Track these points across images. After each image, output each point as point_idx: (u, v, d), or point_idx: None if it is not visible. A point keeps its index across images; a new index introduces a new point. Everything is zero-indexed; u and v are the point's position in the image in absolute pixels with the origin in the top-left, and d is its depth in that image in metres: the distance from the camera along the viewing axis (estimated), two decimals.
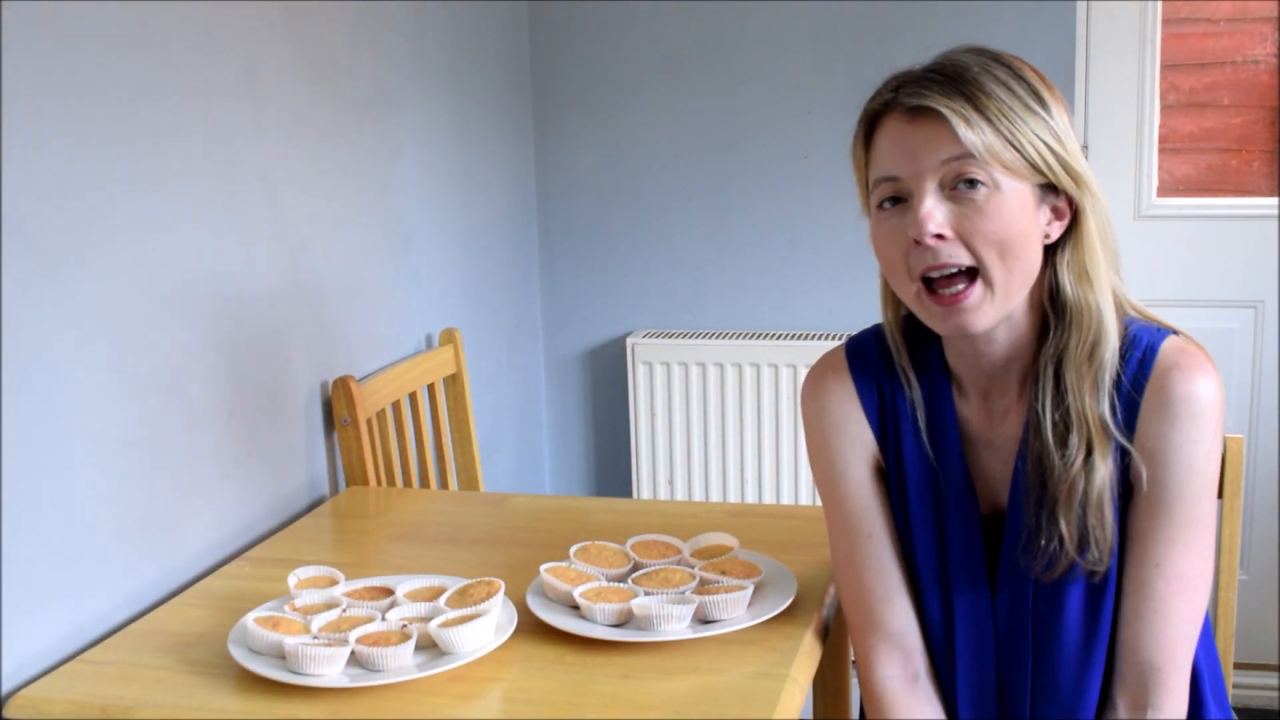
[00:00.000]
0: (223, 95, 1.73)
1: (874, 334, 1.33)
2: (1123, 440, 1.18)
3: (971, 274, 1.15)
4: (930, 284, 1.17)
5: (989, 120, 1.12)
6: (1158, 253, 2.65)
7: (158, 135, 1.59)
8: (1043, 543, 1.19)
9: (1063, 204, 1.18)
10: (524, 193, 2.84)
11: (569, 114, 2.84)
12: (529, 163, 2.86)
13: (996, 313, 1.16)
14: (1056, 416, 1.18)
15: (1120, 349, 1.19)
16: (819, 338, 2.72)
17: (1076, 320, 1.18)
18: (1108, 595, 1.21)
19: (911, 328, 1.29)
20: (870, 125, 1.20)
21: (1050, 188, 1.17)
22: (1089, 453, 1.17)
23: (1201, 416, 1.17)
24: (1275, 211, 2.58)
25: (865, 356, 1.31)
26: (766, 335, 2.75)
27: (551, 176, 2.88)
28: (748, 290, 2.82)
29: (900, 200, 1.17)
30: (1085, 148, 2.62)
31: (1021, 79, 1.15)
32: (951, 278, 1.15)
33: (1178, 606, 1.18)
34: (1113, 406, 1.19)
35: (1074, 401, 1.17)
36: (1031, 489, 1.20)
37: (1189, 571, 1.19)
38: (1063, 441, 1.18)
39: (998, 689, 1.27)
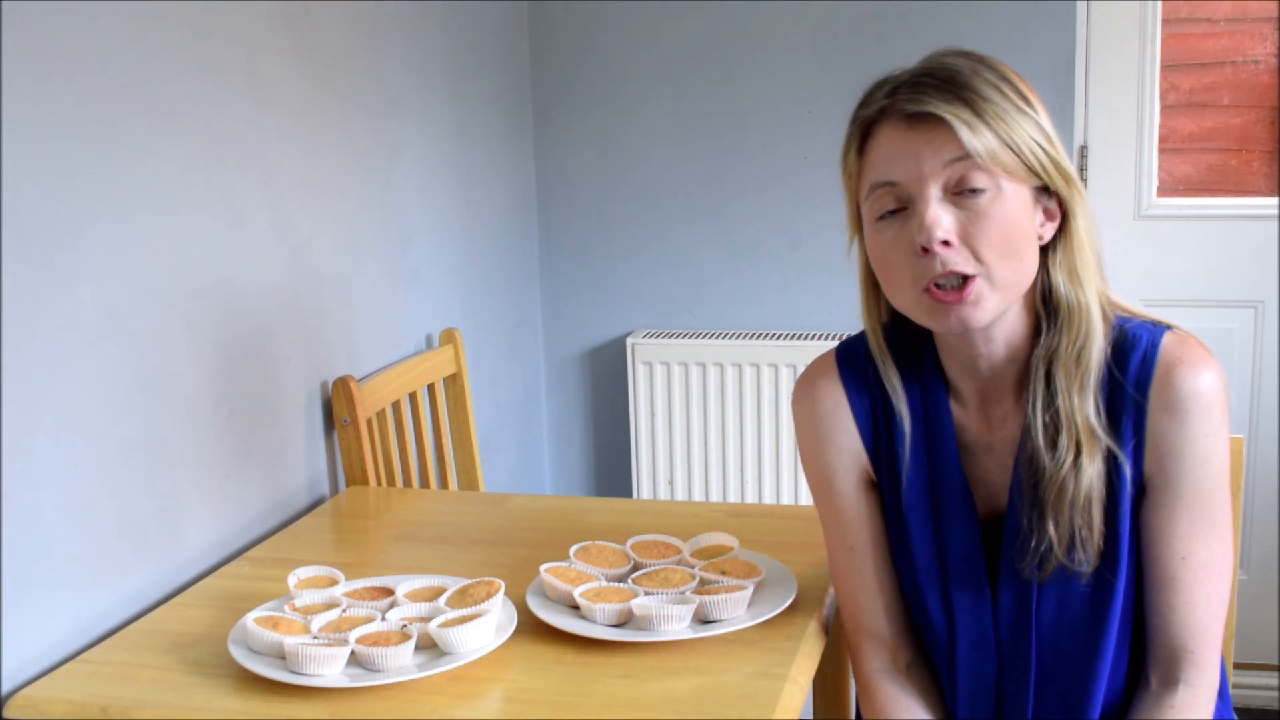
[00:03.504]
0: (223, 95, 1.73)
1: (866, 338, 1.32)
2: (1110, 443, 1.18)
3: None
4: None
5: (987, 124, 1.11)
6: (1158, 253, 2.65)
7: (158, 135, 1.59)
8: (1033, 544, 1.20)
9: (1054, 206, 1.18)
10: (524, 193, 2.84)
11: (569, 114, 2.84)
12: (529, 163, 2.86)
13: (997, 307, 1.16)
14: (1047, 418, 1.19)
15: (1118, 347, 1.19)
16: (819, 338, 2.72)
17: (1068, 320, 1.18)
18: (1115, 596, 1.21)
19: (900, 336, 1.28)
20: (865, 132, 1.18)
21: (1043, 189, 1.17)
22: (1078, 454, 1.17)
23: (1211, 409, 1.17)
24: (1275, 211, 2.58)
25: (858, 360, 1.30)
26: (766, 335, 2.75)
27: (551, 176, 2.88)
28: (748, 290, 2.82)
29: (900, 209, 1.16)
30: (1084, 148, 2.62)
31: (1008, 81, 1.15)
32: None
33: (1205, 593, 1.20)
34: (1110, 407, 1.19)
35: (1063, 403, 1.18)
36: (1025, 491, 1.21)
37: (1213, 559, 1.20)
38: (1053, 443, 1.18)
39: (996, 691, 1.28)
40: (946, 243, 1.12)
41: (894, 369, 1.27)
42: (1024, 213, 1.15)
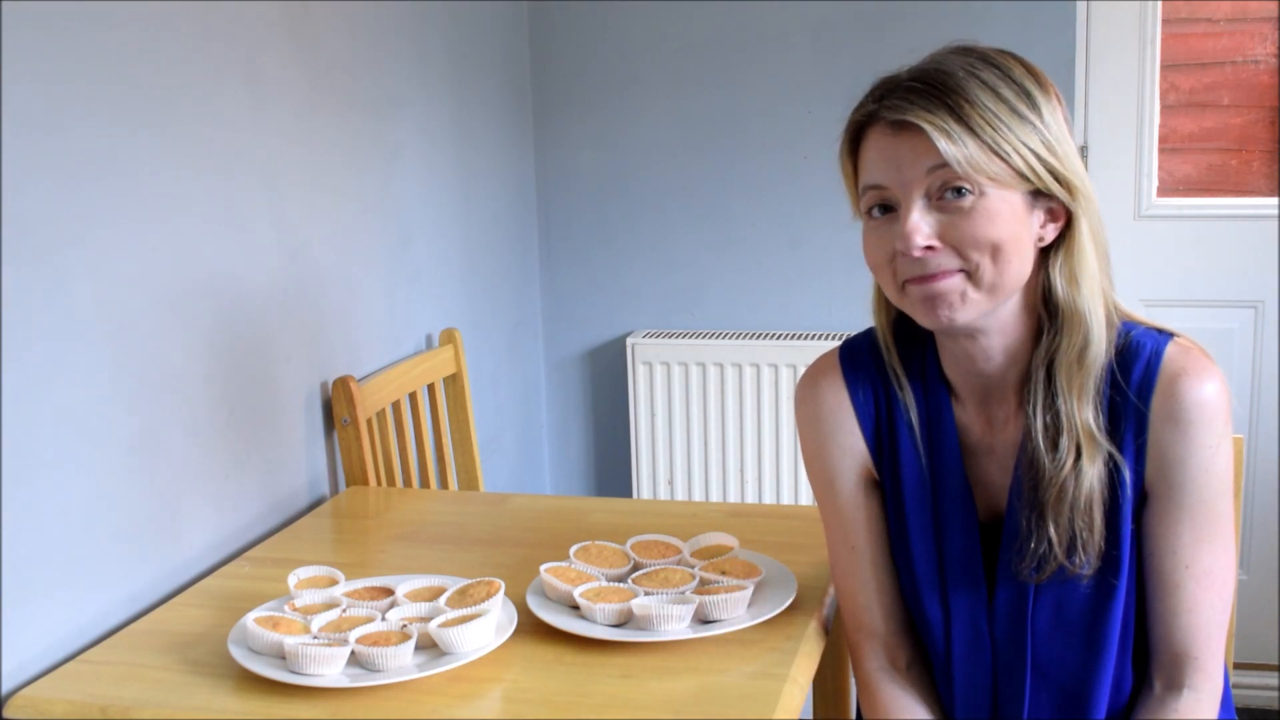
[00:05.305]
0: (223, 95, 1.73)
1: (869, 336, 1.32)
2: (1110, 447, 1.18)
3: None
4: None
5: (972, 131, 1.10)
6: (1158, 253, 2.65)
7: (158, 135, 1.59)
8: (1032, 546, 1.19)
9: (1057, 206, 1.17)
10: (524, 193, 2.84)
11: (569, 114, 2.84)
12: (529, 163, 2.86)
13: (978, 307, 1.15)
14: (1048, 419, 1.18)
15: (1122, 354, 1.19)
16: (819, 338, 2.72)
17: (1067, 323, 1.18)
18: (1116, 600, 1.21)
19: (905, 334, 1.29)
20: (856, 135, 1.19)
21: (1042, 192, 1.16)
22: (1078, 456, 1.17)
23: (1214, 420, 1.17)
24: (1275, 211, 2.58)
25: (861, 359, 1.31)
26: (766, 335, 2.75)
27: (551, 176, 2.88)
28: (748, 290, 2.82)
29: (889, 209, 1.16)
30: (1084, 148, 2.62)
31: (1010, 80, 1.13)
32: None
33: (1209, 600, 1.21)
34: (1112, 413, 1.19)
35: (1064, 405, 1.17)
36: (1025, 493, 1.21)
37: (1216, 566, 1.20)
38: (1053, 445, 1.18)
39: (993, 693, 1.28)
40: (929, 248, 1.13)
41: (898, 358, 1.28)
42: (1013, 217, 1.13)
